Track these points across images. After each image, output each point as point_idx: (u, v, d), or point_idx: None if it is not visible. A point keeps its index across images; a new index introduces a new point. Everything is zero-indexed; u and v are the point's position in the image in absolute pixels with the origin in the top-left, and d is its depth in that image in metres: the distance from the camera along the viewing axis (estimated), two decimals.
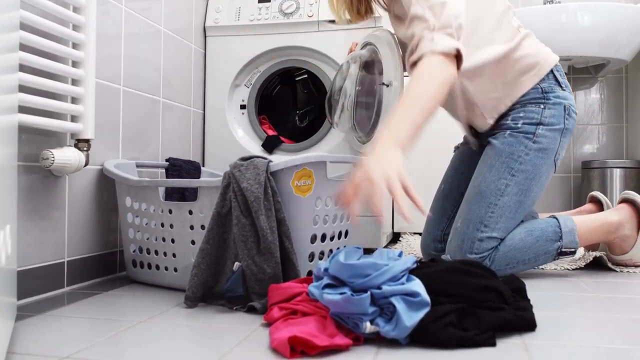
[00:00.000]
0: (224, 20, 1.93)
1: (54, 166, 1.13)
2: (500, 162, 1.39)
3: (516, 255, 1.36)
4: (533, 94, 1.40)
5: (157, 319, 0.99)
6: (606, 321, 0.99)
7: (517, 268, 1.37)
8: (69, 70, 1.17)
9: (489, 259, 1.36)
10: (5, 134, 0.79)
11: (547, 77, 1.40)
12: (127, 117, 1.48)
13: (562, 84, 1.41)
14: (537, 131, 1.38)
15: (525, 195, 1.38)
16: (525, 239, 1.36)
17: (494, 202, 1.37)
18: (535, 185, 1.39)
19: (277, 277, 1.05)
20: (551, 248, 1.37)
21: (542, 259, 1.38)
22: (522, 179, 1.37)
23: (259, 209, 1.04)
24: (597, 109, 2.38)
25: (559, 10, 2.03)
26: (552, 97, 1.39)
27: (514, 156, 1.38)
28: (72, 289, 1.26)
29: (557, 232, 1.38)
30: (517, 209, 1.37)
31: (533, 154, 1.38)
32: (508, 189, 1.37)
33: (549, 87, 1.39)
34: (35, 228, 1.16)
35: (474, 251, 1.35)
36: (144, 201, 1.30)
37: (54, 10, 1.13)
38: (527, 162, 1.37)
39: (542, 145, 1.38)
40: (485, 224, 1.36)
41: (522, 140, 1.38)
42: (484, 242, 1.35)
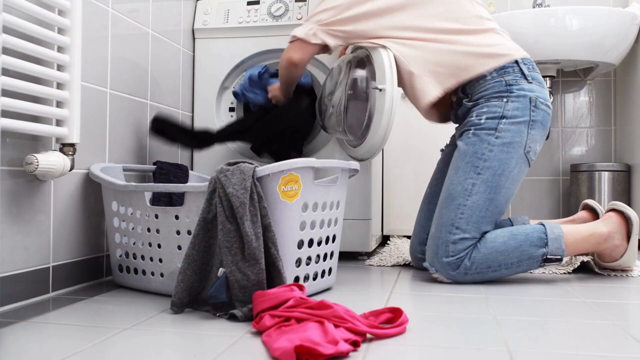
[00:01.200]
0: (212, 23, 1.92)
1: (39, 171, 1.12)
2: (465, 163, 1.40)
3: (498, 258, 1.36)
4: (497, 87, 1.41)
5: (143, 326, 0.98)
6: (592, 327, 0.99)
7: (499, 272, 1.37)
8: (54, 74, 1.16)
9: (468, 259, 1.36)
10: None
11: (512, 69, 1.41)
12: (114, 120, 1.47)
13: (529, 77, 1.41)
14: (500, 126, 1.38)
15: (495, 192, 1.37)
16: (507, 242, 1.36)
17: (462, 202, 1.38)
18: (505, 181, 1.38)
19: (261, 284, 1.04)
20: (536, 254, 1.37)
21: (527, 265, 1.38)
22: (490, 175, 1.37)
23: (244, 214, 1.04)
24: (586, 112, 2.39)
25: (548, 14, 2.04)
26: (515, 89, 1.39)
27: (478, 154, 1.39)
28: (58, 294, 1.25)
29: (543, 238, 1.37)
30: (489, 206, 1.38)
31: (497, 149, 1.38)
32: (475, 187, 1.38)
33: (513, 79, 1.40)
34: (20, 233, 1.15)
35: (450, 254, 1.36)
36: (130, 206, 1.29)
37: (38, 13, 1.12)
38: (492, 158, 1.38)
39: (506, 140, 1.38)
40: (457, 226, 1.37)
41: (485, 137, 1.39)
42: (457, 244, 1.36)
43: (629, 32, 2.03)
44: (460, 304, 1.17)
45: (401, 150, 2.17)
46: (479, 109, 1.42)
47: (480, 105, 1.42)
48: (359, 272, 1.59)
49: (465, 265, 1.36)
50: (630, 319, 1.06)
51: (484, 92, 1.42)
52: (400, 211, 2.16)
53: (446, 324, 1.00)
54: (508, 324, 1.00)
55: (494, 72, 1.42)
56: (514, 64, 1.42)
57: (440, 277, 1.40)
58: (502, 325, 0.99)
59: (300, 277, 1.19)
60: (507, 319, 1.04)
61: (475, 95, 1.45)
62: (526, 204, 2.40)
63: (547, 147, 2.39)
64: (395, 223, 2.18)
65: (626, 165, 2.17)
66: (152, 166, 1.58)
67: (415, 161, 2.16)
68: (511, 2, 2.41)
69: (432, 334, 0.94)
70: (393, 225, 2.18)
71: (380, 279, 1.48)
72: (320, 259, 1.25)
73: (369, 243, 1.81)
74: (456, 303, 1.18)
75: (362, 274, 1.56)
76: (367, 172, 1.79)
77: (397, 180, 2.18)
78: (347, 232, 1.76)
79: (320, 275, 1.26)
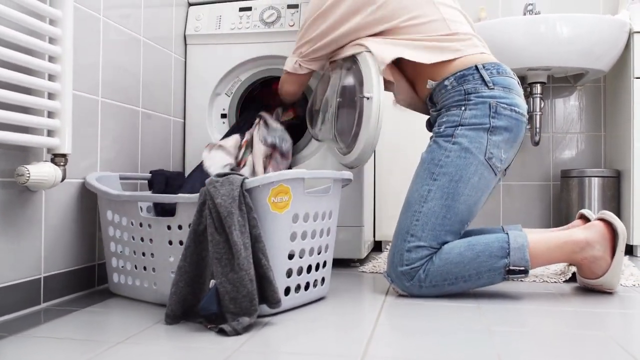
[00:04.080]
0: (204, 29, 1.92)
1: (30, 182, 1.11)
2: (423, 169, 1.38)
3: (453, 270, 1.30)
4: (456, 96, 1.40)
5: (136, 339, 0.98)
6: (585, 339, 1.00)
7: (457, 285, 1.31)
8: (45, 84, 1.16)
9: (422, 270, 1.31)
10: None
11: (472, 77, 1.39)
12: (106, 129, 1.46)
13: (489, 83, 1.37)
14: (456, 132, 1.36)
15: (452, 198, 1.33)
16: (463, 254, 1.30)
17: (417, 209, 1.34)
18: (463, 188, 1.34)
19: (251, 295, 1.04)
20: (497, 265, 1.29)
21: (487, 277, 1.30)
22: (446, 181, 1.34)
23: (232, 224, 1.03)
24: (576, 117, 2.41)
25: (538, 21, 2.05)
26: (473, 97, 1.37)
27: (435, 160, 1.37)
28: (49, 305, 1.24)
29: (505, 247, 1.29)
30: (446, 214, 1.33)
31: (454, 154, 1.35)
32: (431, 194, 1.34)
33: (472, 88, 1.38)
34: (11, 244, 1.15)
35: (404, 263, 1.32)
36: (124, 215, 1.29)
37: (29, 23, 1.11)
38: (449, 164, 1.35)
39: (463, 145, 1.35)
40: (412, 233, 1.33)
41: (442, 143, 1.37)
42: (412, 252, 1.32)
43: (618, 39, 2.05)
44: (453, 313, 1.17)
45: (392, 155, 2.18)
46: (441, 118, 1.42)
47: (442, 115, 1.42)
48: (352, 279, 1.59)
49: (420, 276, 1.31)
50: (624, 330, 1.07)
51: (445, 102, 1.42)
52: (392, 216, 2.15)
53: (438, 336, 1.01)
54: (501, 335, 1.01)
55: (453, 81, 1.40)
56: (473, 70, 1.39)
57: (395, 288, 1.36)
58: (494, 337, 1.00)
59: (292, 288, 1.19)
60: (500, 329, 1.05)
61: (438, 105, 1.45)
62: (516, 208, 2.42)
63: (538, 152, 2.40)
64: (387, 228, 2.18)
65: (616, 171, 2.19)
66: (149, 174, 1.59)
67: (405, 165, 2.15)
68: (502, 8, 2.43)
69: (423, 345, 0.94)
70: (385, 230, 2.18)
71: (373, 287, 1.48)
72: (312, 269, 1.25)
73: (361, 250, 1.81)
74: (449, 312, 1.19)
75: (355, 282, 1.56)
76: (359, 178, 1.79)
77: (389, 185, 2.18)
78: (339, 238, 1.76)
79: (313, 285, 1.26)
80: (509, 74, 1.43)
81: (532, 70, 2.13)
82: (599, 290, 1.38)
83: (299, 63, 1.60)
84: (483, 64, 1.40)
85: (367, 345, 0.95)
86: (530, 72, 2.16)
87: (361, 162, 1.57)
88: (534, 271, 1.62)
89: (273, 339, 1.00)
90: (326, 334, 1.03)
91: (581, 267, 1.37)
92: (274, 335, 1.02)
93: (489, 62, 1.42)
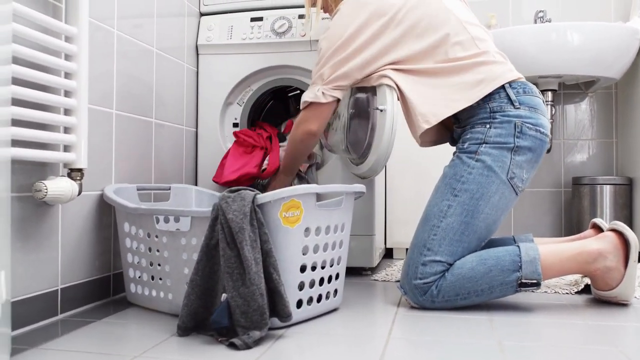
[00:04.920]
0: (216, 39, 1.94)
1: (48, 197, 1.13)
2: (445, 184, 1.38)
3: (465, 285, 1.30)
4: (481, 114, 1.39)
5: (151, 353, 1.00)
6: (595, 354, 1.00)
7: (469, 299, 1.32)
8: (61, 100, 1.18)
9: (435, 286, 1.31)
10: None
11: (498, 95, 1.38)
12: (120, 141, 1.49)
13: (516, 102, 1.37)
14: (480, 149, 1.36)
15: (472, 216, 1.33)
16: (475, 268, 1.30)
17: (436, 224, 1.35)
18: (484, 206, 1.34)
19: (261, 309, 1.05)
20: (509, 279, 1.29)
21: (500, 290, 1.31)
22: (467, 198, 1.34)
23: (243, 239, 1.05)
24: (588, 124, 2.40)
25: (549, 29, 2.05)
26: (499, 116, 1.37)
27: (457, 176, 1.36)
28: (66, 316, 1.26)
29: (517, 261, 1.29)
30: (464, 230, 1.33)
31: (476, 172, 1.35)
32: (451, 209, 1.34)
33: (498, 106, 1.37)
34: (29, 257, 1.17)
35: (419, 276, 1.32)
36: (140, 227, 1.31)
37: (45, 41, 1.13)
38: (471, 181, 1.34)
39: (486, 163, 1.34)
40: (428, 247, 1.33)
41: (465, 160, 1.37)
42: (427, 267, 1.32)
43: (630, 47, 2.04)
44: (465, 327, 1.18)
45: (403, 161, 2.18)
46: (465, 134, 1.41)
47: (467, 132, 1.41)
48: (364, 289, 1.60)
49: (432, 292, 1.31)
50: (637, 344, 1.07)
51: (470, 119, 1.42)
52: (404, 222, 2.17)
53: (449, 350, 1.02)
54: (512, 350, 1.02)
55: (479, 100, 1.39)
56: (500, 89, 1.38)
57: (409, 301, 1.36)
58: (506, 352, 1.00)
59: (304, 300, 1.20)
60: (512, 344, 1.05)
61: (463, 122, 1.45)
62: (527, 215, 2.42)
63: (549, 159, 2.40)
64: (398, 235, 2.19)
65: (628, 179, 2.18)
66: (166, 184, 1.63)
67: (416, 171, 2.17)
68: (513, 17, 2.43)
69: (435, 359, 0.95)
70: (396, 237, 2.19)
71: (385, 297, 1.49)
72: (325, 281, 1.26)
73: (373, 258, 1.82)
74: (461, 325, 1.19)
75: (367, 291, 1.57)
76: (371, 187, 1.80)
77: (400, 192, 2.19)
78: (350, 247, 1.76)
79: (325, 297, 1.28)
80: (535, 93, 1.42)
81: (543, 77, 2.13)
82: (614, 302, 1.37)
83: (322, 91, 1.47)
84: (510, 82, 1.39)
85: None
86: (541, 79, 2.15)
87: (374, 172, 1.58)
88: (547, 281, 1.62)
89: (286, 353, 1.01)
90: (338, 348, 1.04)
91: (595, 278, 1.36)
92: (287, 350, 1.03)
93: (516, 80, 1.41)
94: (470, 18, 1.50)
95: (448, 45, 1.42)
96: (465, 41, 1.43)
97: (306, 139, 1.54)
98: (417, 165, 2.16)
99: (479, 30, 1.48)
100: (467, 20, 1.46)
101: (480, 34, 1.47)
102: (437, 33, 1.42)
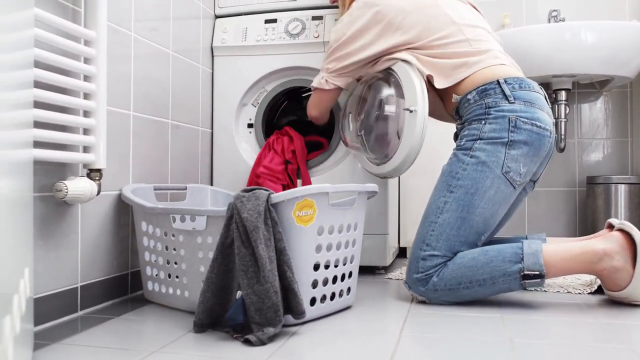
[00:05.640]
0: (231, 41, 1.96)
1: (68, 197, 1.17)
2: (441, 182, 1.43)
3: (467, 273, 1.33)
4: (477, 110, 1.43)
5: (169, 348, 1.03)
6: (604, 351, 1.01)
7: (472, 289, 1.34)
8: (80, 102, 1.21)
9: (436, 275, 1.36)
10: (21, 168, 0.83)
11: (493, 91, 1.42)
12: (137, 142, 1.52)
13: (510, 97, 1.40)
14: (474, 145, 1.40)
15: (467, 211, 1.37)
16: (477, 258, 1.34)
17: (434, 220, 1.40)
18: (479, 200, 1.37)
19: (275, 307, 1.08)
20: (510, 269, 1.31)
21: (503, 282, 1.32)
22: (462, 194, 1.38)
23: (257, 238, 1.07)
24: (602, 123, 2.39)
25: (563, 28, 2.04)
26: (493, 111, 1.40)
27: (453, 173, 1.41)
28: (86, 312, 1.30)
29: (518, 253, 1.32)
30: (460, 225, 1.37)
31: (471, 167, 1.38)
32: (447, 205, 1.39)
33: (492, 102, 1.41)
34: (50, 256, 1.20)
35: (419, 270, 1.37)
36: (157, 226, 1.34)
37: (66, 45, 1.16)
38: (465, 177, 1.39)
39: (480, 159, 1.38)
40: (427, 243, 1.39)
41: (461, 156, 1.41)
42: (427, 261, 1.37)
43: None
44: (476, 324, 1.19)
45: (419, 160, 2.17)
46: (463, 131, 1.46)
47: (464, 128, 1.46)
48: (377, 287, 1.62)
49: (434, 281, 1.35)
50: None
51: (467, 116, 1.45)
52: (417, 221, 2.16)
53: (460, 347, 1.03)
54: (523, 346, 1.03)
55: (475, 95, 1.43)
56: (495, 84, 1.42)
57: (413, 294, 1.41)
58: (516, 349, 1.01)
59: (317, 298, 1.22)
60: (522, 341, 1.06)
61: (463, 119, 1.49)
62: (542, 215, 2.41)
63: (563, 158, 2.39)
64: (412, 234, 2.19)
65: None
66: (182, 184, 1.66)
67: (433, 171, 2.16)
68: (526, 15, 2.42)
69: (445, 357, 0.97)
70: (410, 237, 2.20)
71: (398, 295, 1.51)
72: (338, 279, 1.28)
73: (386, 257, 1.84)
74: (472, 322, 1.21)
75: (380, 290, 1.59)
76: (385, 186, 1.82)
77: (415, 191, 2.20)
78: (364, 246, 1.78)
79: (338, 295, 1.29)
80: (533, 88, 1.44)
81: (557, 77, 2.12)
82: (626, 303, 1.36)
83: (326, 79, 1.64)
84: (505, 78, 1.43)
85: (391, 357, 0.97)
86: (555, 79, 2.15)
87: (399, 172, 1.59)
88: (561, 281, 1.63)
89: (299, 349, 1.03)
90: (351, 345, 1.06)
91: (603, 278, 1.36)
92: (300, 346, 1.05)
93: (512, 76, 1.44)
94: (471, 20, 1.55)
95: (442, 47, 1.50)
96: (460, 42, 1.50)
97: (316, 116, 1.75)
98: (432, 165, 2.16)
99: (479, 31, 1.53)
100: (465, 23, 1.52)
101: (478, 34, 1.52)
102: (434, 35, 1.51)
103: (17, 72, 0.83)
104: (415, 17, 1.52)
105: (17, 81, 0.83)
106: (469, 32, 1.51)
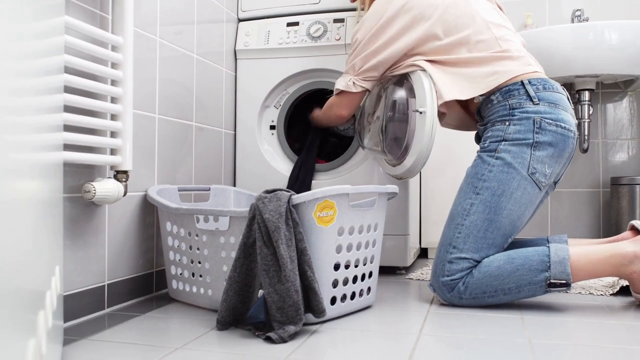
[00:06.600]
0: (253, 44, 1.99)
1: (96, 198, 1.20)
2: (467, 184, 1.42)
3: (492, 283, 1.33)
4: (501, 111, 1.43)
5: (193, 345, 1.05)
6: (627, 353, 1.01)
7: (497, 297, 1.34)
8: (108, 106, 1.25)
9: (462, 282, 1.35)
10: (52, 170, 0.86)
11: (517, 92, 1.41)
12: (162, 144, 1.55)
13: (535, 98, 1.39)
14: (499, 147, 1.39)
15: (495, 212, 1.36)
16: (502, 267, 1.33)
17: (460, 222, 1.38)
18: (506, 202, 1.36)
19: (296, 305, 1.10)
20: (537, 279, 1.30)
21: (528, 290, 1.32)
22: (488, 195, 1.37)
23: (279, 238, 1.10)
24: (627, 123, 2.36)
25: (586, 28, 2.03)
26: (518, 113, 1.40)
27: (478, 175, 1.40)
28: (113, 310, 1.34)
29: (545, 261, 1.30)
30: (488, 227, 1.36)
31: (497, 169, 1.38)
32: (474, 207, 1.38)
33: (517, 103, 1.40)
34: (78, 255, 1.24)
35: (446, 273, 1.36)
36: (182, 226, 1.37)
37: (93, 51, 1.20)
38: (491, 178, 1.38)
39: (506, 160, 1.37)
40: (454, 245, 1.37)
41: (486, 158, 1.41)
42: (453, 264, 1.36)
43: None
44: (496, 324, 1.20)
45: (440, 161, 2.19)
46: (486, 133, 1.45)
47: (487, 130, 1.45)
48: (398, 287, 1.63)
49: (459, 289, 1.34)
50: None
51: (491, 117, 1.45)
52: (438, 222, 2.18)
53: (479, 348, 1.04)
54: (542, 347, 1.03)
55: (499, 96, 1.43)
56: (519, 85, 1.41)
57: (438, 298, 1.40)
58: (536, 350, 1.02)
59: (338, 297, 1.24)
60: (542, 342, 1.07)
61: (485, 119, 1.48)
62: (565, 216, 2.39)
63: (587, 159, 2.37)
64: (433, 235, 2.20)
65: None
66: (206, 185, 1.69)
67: (454, 172, 2.17)
68: (549, 15, 2.41)
69: (465, 358, 0.98)
70: (431, 237, 2.21)
71: (418, 295, 1.52)
72: (358, 279, 1.30)
73: (407, 258, 1.84)
74: (492, 323, 1.21)
75: (400, 290, 1.60)
76: (405, 187, 1.83)
77: (436, 192, 2.20)
78: (384, 247, 1.80)
79: (359, 295, 1.31)
80: (557, 89, 1.44)
81: (580, 77, 2.11)
82: None
83: (353, 81, 1.60)
84: (529, 79, 1.42)
85: (410, 357, 0.99)
86: (578, 79, 2.14)
87: (412, 174, 1.60)
88: (583, 282, 1.62)
89: (319, 347, 1.05)
90: (370, 344, 1.08)
91: (632, 281, 1.34)
92: (321, 344, 1.07)
93: (536, 77, 1.43)
94: (498, 20, 1.54)
95: (471, 44, 1.49)
96: (488, 40, 1.48)
97: (336, 120, 1.75)
98: (453, 166, 2.17)
99: (505, 31, 1.52)
100: (493, 22, 1.52)
101: (505, 34, 1.51)
102: (462, 32, 1.49)
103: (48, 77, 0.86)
104: (445, 11, 1.50)
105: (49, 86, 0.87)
106: (497, 31, 1.50)
